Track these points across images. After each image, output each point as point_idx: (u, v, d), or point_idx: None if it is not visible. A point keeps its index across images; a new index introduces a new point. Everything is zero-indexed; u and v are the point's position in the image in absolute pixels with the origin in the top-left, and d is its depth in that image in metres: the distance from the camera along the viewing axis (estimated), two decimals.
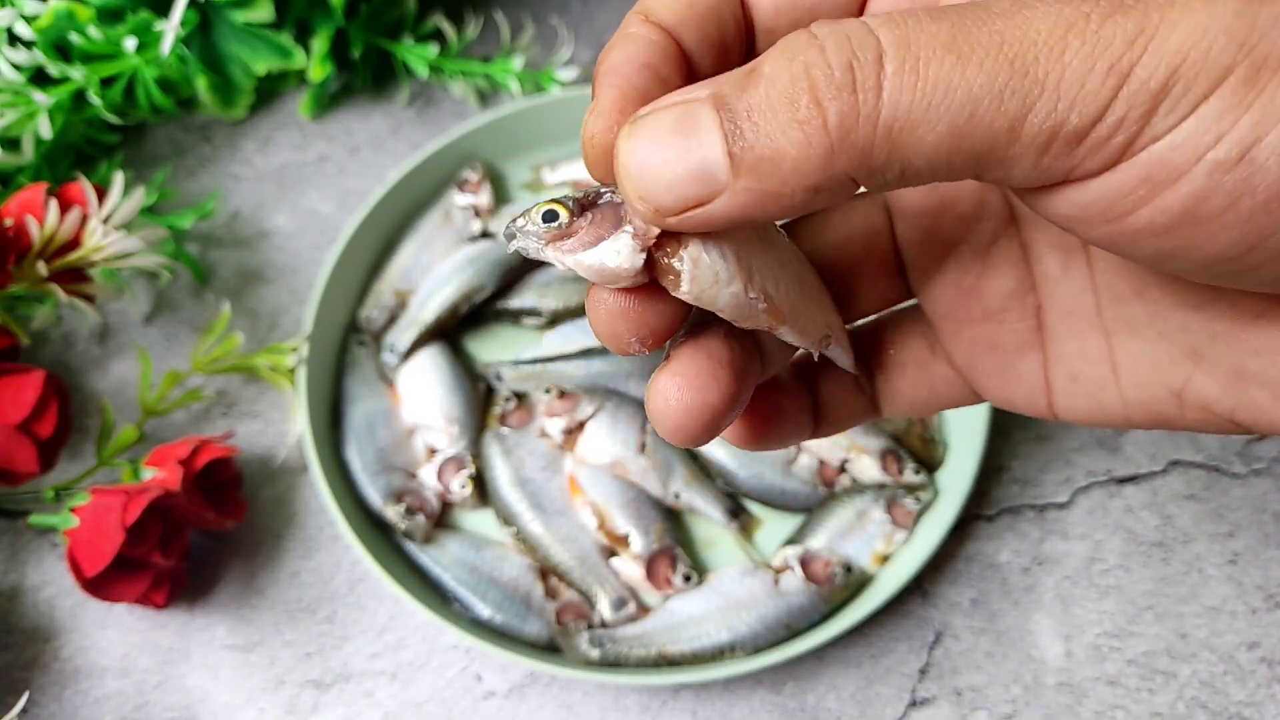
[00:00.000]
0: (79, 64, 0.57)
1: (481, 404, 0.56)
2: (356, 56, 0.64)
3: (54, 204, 0.48)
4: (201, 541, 0.52)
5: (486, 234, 0.59)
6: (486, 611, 0.50)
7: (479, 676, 0.50)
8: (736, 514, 0.53)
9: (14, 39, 0.56)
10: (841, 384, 0.28)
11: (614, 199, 0.21)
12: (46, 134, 0.55)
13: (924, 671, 0.49)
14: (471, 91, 0.65)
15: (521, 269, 0.58)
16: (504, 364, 0.56)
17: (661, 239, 0.21)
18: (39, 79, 0.57)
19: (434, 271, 0.57)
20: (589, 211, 0.21)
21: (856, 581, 0.50)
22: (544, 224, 0.21)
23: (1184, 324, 0.24)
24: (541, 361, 0.56)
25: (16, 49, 0.55)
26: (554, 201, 0.21)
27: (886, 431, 0.54)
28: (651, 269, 0.21)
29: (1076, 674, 0.49)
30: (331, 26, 0.61)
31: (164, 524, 0.47)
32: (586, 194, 0.22)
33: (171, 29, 0.56)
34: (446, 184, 0.60)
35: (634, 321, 0.22)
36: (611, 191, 0.21)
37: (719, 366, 0.23)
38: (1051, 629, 0.50)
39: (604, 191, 0.21)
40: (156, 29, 0.57)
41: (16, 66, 0.55)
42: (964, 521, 0.52)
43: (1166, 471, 0.54)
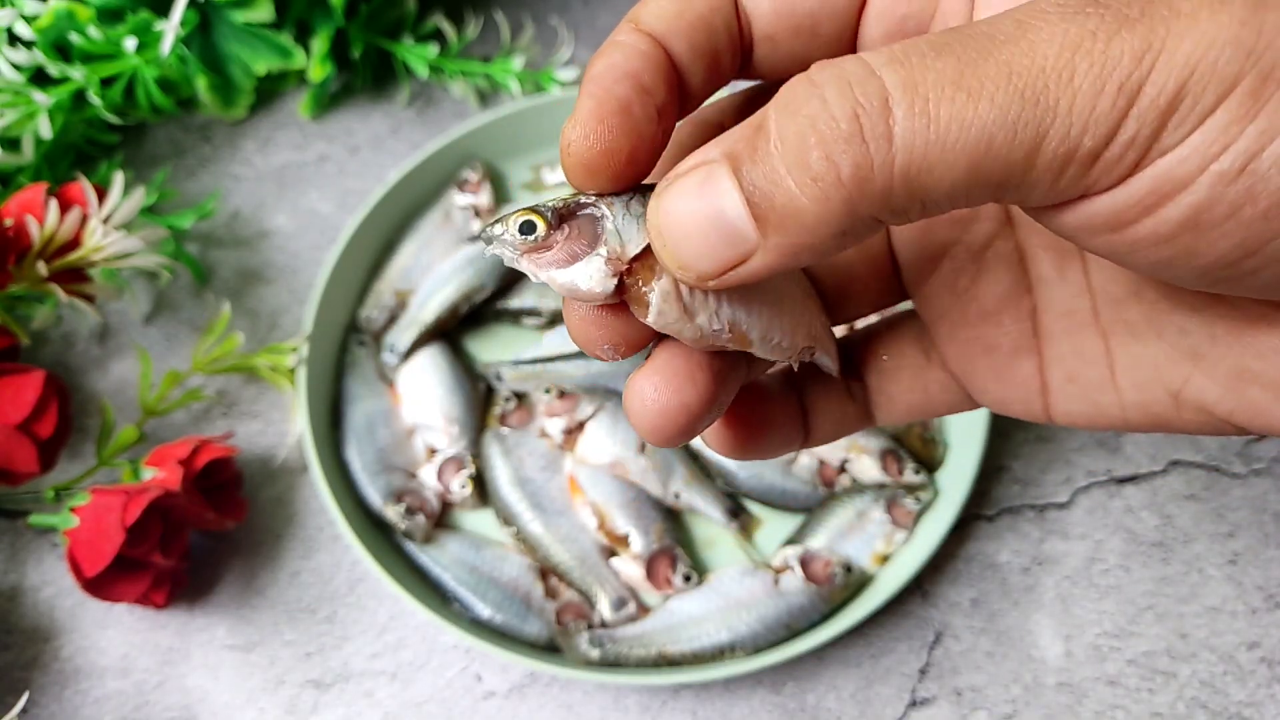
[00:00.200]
0: (79, 64, 0.57)
1: (481, 404, 0.56)
2: (356, 56, 0.64)
3: (54, 204, 0.48)
4: (201, 541, 0.52)
5: None
6: (486, 611, 0.50)
7: (479, 676, 0.50)
8: (736, 514, 0.53)
9: (14, 39, 0.56)
10: (832, 393, 0.28)
11: (593, 211, 0.21)
12: (46, 134, 0.55)
13: (924, 671, 0.49)
14: (471, 91, 0.65)
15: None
16: (504, 364, 0.56)
17: (634, 265, 0.21)
18: (39, 79, 0.57)
19: (434, 271, 0.57)
20: (567, 224, 0.21)
21: (856, 581, 0.50)
22: (520, 235, 0.21)
23: (1183, 325, 0.24)
24: (541, 361, 0.56)
25: (16, 49, 0.55)
26: (532, 211, 0.21)
27: (886, 431, 0.54)
28: (622, 292, 0.21)
29: (1076, 674, 0.49)
30: (331, 26, 0.61)
31: (164, 524, 0.47)
32: (566, 203, 0.21)
33: (171, 29, 0.56)
34: (446, 184, 0.60)
35: (607, 330, 0.22)
36: (592, 201, 0.21)
37: (697, 368, 0.22)
38: (1051, 629, 0.50)
39: (584, 201, 0.21)
40: (156, 29, 0.57)
41: (16, 66, 0.55)
42: (964, 521, 0.52)
43: (1166, 471, 0.54)
